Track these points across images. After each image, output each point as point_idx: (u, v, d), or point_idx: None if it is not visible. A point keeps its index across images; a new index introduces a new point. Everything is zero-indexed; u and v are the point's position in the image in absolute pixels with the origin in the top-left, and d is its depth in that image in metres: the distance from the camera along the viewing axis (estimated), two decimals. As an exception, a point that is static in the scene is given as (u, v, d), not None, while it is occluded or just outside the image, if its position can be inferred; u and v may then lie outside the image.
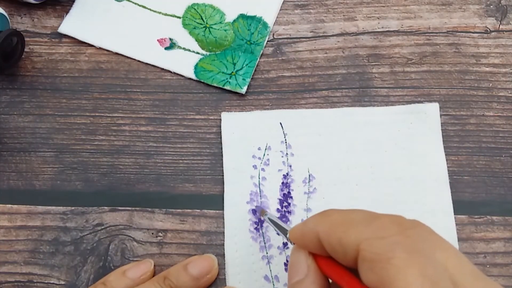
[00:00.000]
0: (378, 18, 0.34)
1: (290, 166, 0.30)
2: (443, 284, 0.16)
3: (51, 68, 0.33)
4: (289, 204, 0.29)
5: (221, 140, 0.31)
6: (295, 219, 0.29)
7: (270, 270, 0.28)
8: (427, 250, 0.17)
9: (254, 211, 0.29)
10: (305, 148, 0.31)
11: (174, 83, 0.33)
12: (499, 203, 0.29)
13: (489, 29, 0.33)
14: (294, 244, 0.22)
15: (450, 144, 0.31)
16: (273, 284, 0.28)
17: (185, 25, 0.34)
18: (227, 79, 0.32)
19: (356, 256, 0.17)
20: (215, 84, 0.32)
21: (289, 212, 0.29)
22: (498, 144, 0.31)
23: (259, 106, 0.32)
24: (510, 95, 0.32)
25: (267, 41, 0.33)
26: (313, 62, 0.33)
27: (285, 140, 0.31)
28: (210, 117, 0.32)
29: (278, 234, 0.27)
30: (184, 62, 0.33)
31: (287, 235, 0.23)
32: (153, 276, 0.28)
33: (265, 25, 0.34)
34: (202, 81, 0.32)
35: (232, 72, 0.32)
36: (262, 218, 0.29)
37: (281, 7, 0.34)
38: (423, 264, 0.16)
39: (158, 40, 0.33)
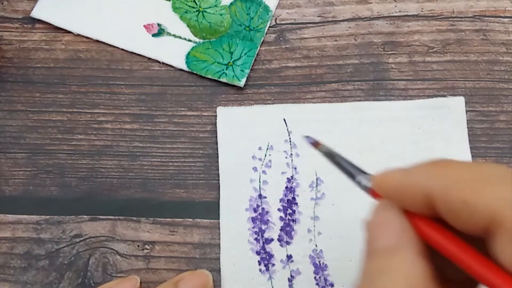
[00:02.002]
0: (395, 1, 0.34)
1: (295, 168, 0.30)
2: None
3: (23, 58, 0.33)
4: (293, 211, 0.29)
5: (216, 140, 0.31)
6: (301, 228, 0.29)
7: (272, 287, 0.28)
8: None
9: (253, 219, 0.29)
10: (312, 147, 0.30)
11: (162, 74, 0.33)
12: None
13: (522, 13, 0.33)
14: (371, 192, 0.19)
15: (477, 144, 0.31)
16: (276, 303, 0.28)
17: (175, 8, 0.34)
18: (223, 70, 0.32)
19: (488, 223, 0.15)
20: (209, 76, 0.32)
21: (293, 220, 0.29)
22: (532, 144, 0.31)
23: (259, 100, 0.32)
24: (545, 88, 0.32)
25: (269, 27, 0.33)
26: (321, 50, 0.33)
27: (289, 138, 0.31)
28: (204, 114, 0.32)
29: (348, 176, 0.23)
30: (174, 51, 0.33)
31: (361, 177, 0.20)
32: (139, 295, 0.28)
33: (266, 8, 0.33)
34: (194, 72, 0.32)
35: (229, 62, 0.32)
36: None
37: (284, -12, 0.34)
38: None
39: (144, 25, 0.33)
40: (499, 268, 0.15)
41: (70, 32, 0.33)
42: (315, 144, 0.24)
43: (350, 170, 0.21)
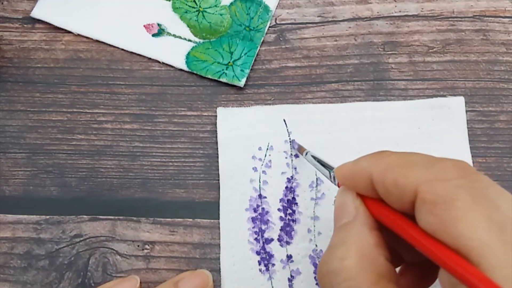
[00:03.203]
0: (395, 1, 0.34)
1: (295, 168, 0.30)
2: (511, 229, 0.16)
3: (23, 58, 0.33)
4: (293, 211, 0.29)
5: (216, 140, 0.31)
6: (301, 228, 0.29)
7: (272, 287, 0.28)
8: (492, 196, 0.18)
9: (253, 219, 0.29)
10: (312, 147, 0.30)
11: (162, 74, 0.33)
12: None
13: (522, 13, 0.33)
14: (338, 184, 0.23)
15: (477, 144, 0.31)
16: (276, 303, 0.28)
17: (175, 8, 0.34)
18: (223, 70, 0.32)
19: (413, 199, 0.18)
20: (209, 76, 0.32)
21: (293, 220, 0.29)
22: (532, 144, 0.31)
23: (259, 100, 0.32)
24: (545, 88, 0.32)
25: (269, 27, 0.33)
26: (321, 50, 0.33)
27: (289, 139, 0.31)
28: (204, 114, 0.32)
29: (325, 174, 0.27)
30: (174, 51, 0.33)
31: (332, 173, 0.24)
32: (139, 294, 0.28)
33: (266, 8, 0.33)
34: (194, 72, 0.32)
35: (229, 62, 0.32)
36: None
37: (284, -12, 0.34)
38: (488, 209, 0.17)
39: (144, 25, 0.33)
40: (425, 233, 0.18)
41: (70, 32, 0.33)
42: (301, 148, 0.28)
43: (328, 165, 0.25)
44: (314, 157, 0.27)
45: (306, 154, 0.28)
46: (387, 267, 0.19)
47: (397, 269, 0.23)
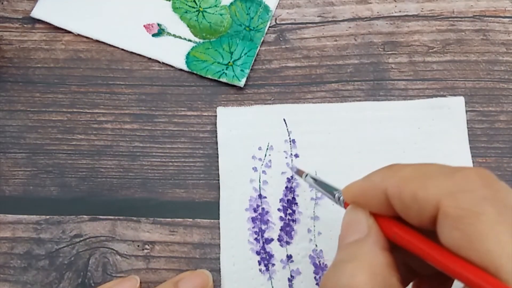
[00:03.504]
0: (395, 1, 0.34)
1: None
2: None
3: (23, 58, 0.33)
4: (293, 211, 0.29)
5: (216, 140, 0.31)
6: (300, 228, 0.29)
7: (272, 287, 0.28)
8: None
9: (253, 219, 0.29)
10: (312, 147, 0.30)
11: (162, 74, 0.32)
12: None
13: (522, 13, 0.33)
14: (345, 205, 0.22)
15: (477, 144, 0.31)
16: (276, 303, 0.28)
17: (175, 8, 0.34)
18: (223, 70, 0.32)
19: (435, 213, 0.17)
20: (209, 76, 0.32)
21: (293, 220, 0.29)
22: (532, 144, 0.31)
23: (259, 100, 0.32)
24: (545, 88, 0.32)
25: (269, 27, 0.33)
26: (321, 50, 0.33)
27: (289, 138, 0.31)
28: (204, 114, 0.32)
29: (329, 197, 0.26)
30: (174, 51, 0.33)
31: (337, 194, 0.23)
32: (139, 294, 0.28)
33: (266, 8, 0.33)
34: (194, 72, 0.32)
35: (229, 62, 0.32)
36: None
37: (284, -12, 0.34)
38: None
39: (144, 25, 0.33)
40: (448, 251, 0.17)
41: (70, 32, 0.33)
42: (300, 172, 0.28)
43: (333, 187, 0.24)
44: (314, 179, 0.26)
45: (306, 176, 0.27)
46: None
47: (410, 285, 0.23)
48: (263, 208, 0.29)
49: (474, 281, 0.15)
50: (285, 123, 0.31)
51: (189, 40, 0.33)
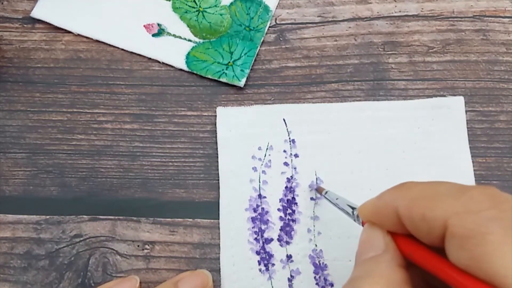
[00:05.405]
0: (395, 1, 0.34)
1: (295, 168, 0.30)
2: None
3: (23, 58, 0.33)
4: (293, 211, 0.29)
5: (216, 140, 0.31)
6: (300, 228, 0.29)
7: (272, 287, 0.28)
8: None
9: (253, 219, 0.29)
10: (311, 147, 0.30)
11: (162, 74, 0.32)
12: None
13: (521, 13, 0.33)
14: (362, 223, 0.22)
15: (477, 144, 0.31)
16: (276, 303, 0.28)
17: (175, 8, 0.34)
18: (223, 70, 0.32)
19: (443, 233, 0.18)
20: (209, 76, 0.32)
21: (293, 220, 0.29)
22: (532, 144, 0.31)
23: (259, 100, 0.32)
24: (545, 88, 0.32)
25: (269, 26, 0.33)
26: (321, 50, 0.33)
27: (289, 138, 0.31)
28: (204, 114, 0.32)
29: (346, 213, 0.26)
30: (174, 51, 0.33)
31: (356, 212, 0.23)
32: (139, 294, 0.28)
33: (266, 8, 0.33)
34: (194, 72, 0.32)
35: (229, 62, 0.32)
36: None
37: (284, -12, 0.34)
38: None
39: (144, 25, 0.33)
40: (458, 269, 0.17)
41: (70, 32, 0.33)
42: (320, 189, 0.28)
43: (350, 205, 0.24)
44: (334, 197, 0.26)
45: (326, 193, 0.27)
46: None
47: None
48: (263, 208, 0.29)
49: None
50: (285, 123, 0.31)
51: (189, 40, 0.33)
